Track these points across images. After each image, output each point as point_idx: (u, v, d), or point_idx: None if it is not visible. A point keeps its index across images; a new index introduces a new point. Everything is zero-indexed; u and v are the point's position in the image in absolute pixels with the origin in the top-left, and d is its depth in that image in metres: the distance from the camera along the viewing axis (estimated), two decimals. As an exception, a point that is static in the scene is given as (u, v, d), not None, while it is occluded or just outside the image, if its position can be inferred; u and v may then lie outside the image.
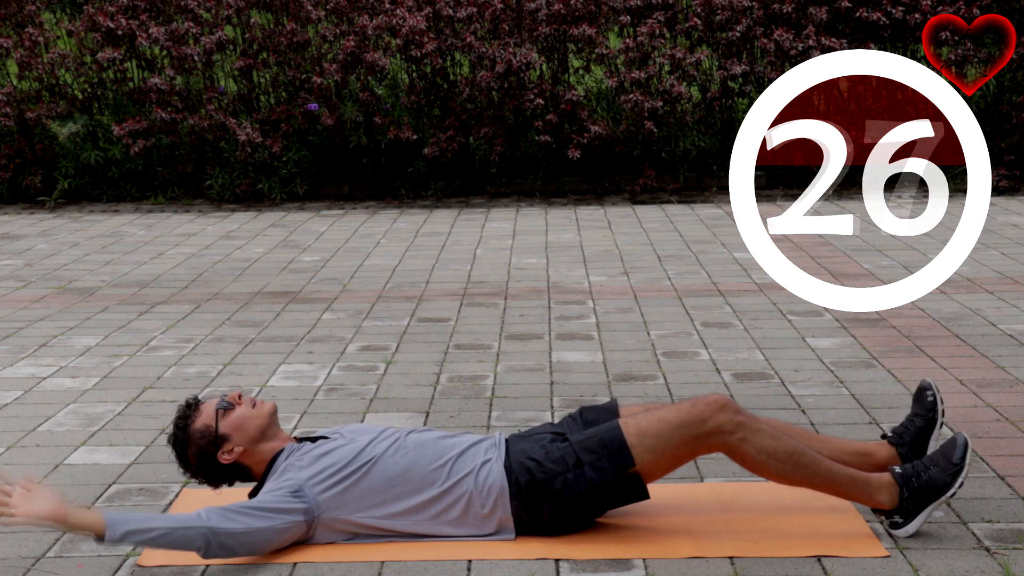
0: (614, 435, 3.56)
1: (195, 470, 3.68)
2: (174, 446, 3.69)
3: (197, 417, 3.67)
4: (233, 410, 3.67)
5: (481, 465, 3.59)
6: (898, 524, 3.58)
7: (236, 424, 3.65)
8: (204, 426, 3.65)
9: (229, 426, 3.65)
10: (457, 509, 3.57)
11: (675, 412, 3.57)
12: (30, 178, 10.79)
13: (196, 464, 3.66)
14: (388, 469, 3.57)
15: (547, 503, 3.55)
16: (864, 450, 3.82)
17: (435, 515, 3.57)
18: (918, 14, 10.86)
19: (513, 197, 11.01)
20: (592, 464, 3.54)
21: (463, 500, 3.56)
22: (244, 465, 3.66)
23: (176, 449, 3.69)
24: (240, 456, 3.65)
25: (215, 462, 3.64)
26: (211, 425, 3.64)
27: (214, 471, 3.67)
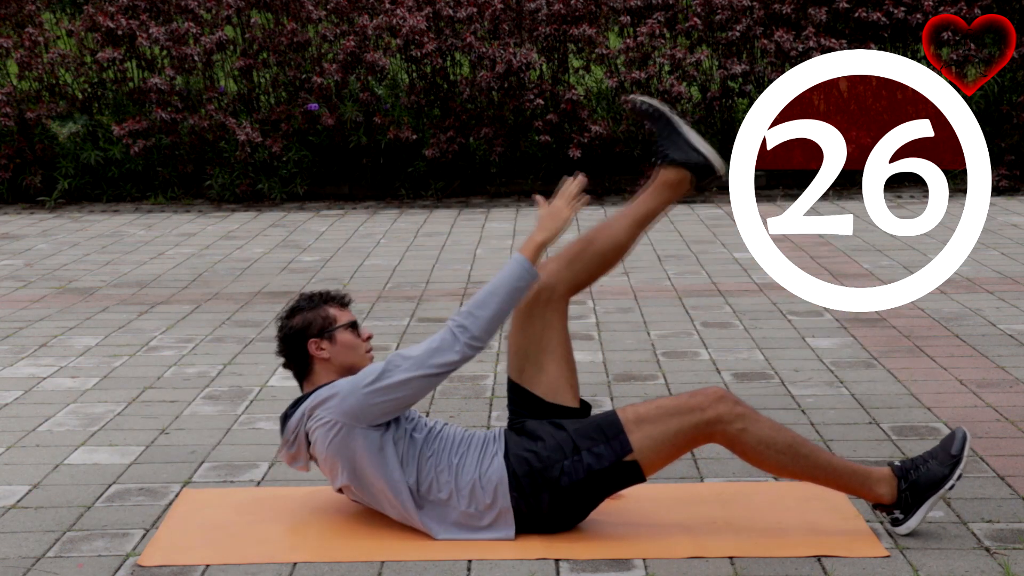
0: (611, 421, 3.57)
1: (288, 328, 3.73)
2: (302, 298, 3.79)
3: (336, 308, 3.75)
4: (357, 337, 3.74)
5: (482, 457, 3.61)
6: (898, 520, 3.58)
7: (345, 343, 3.71)
8: (332, 317, 3.73)
9: (344, 339, 3.71)
10: (462, 500, 3.57)
11: (674, 401, 3.58)
12: (30, 178, 10.78)
13: (294, 327, 3.72)
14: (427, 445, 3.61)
15: (546, 492, 3.55)
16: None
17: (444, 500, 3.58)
18: (919, 14, 10.86)
19: (513, 197, 11.01)
20: (590, 450, 3.55)
21: (467, 489, 3.57)
22: (312, 367, 3.71)
23: (300, 302, 3.77)
24: (320, 359, 3.70)
25: (304, 342, 3.70)
26: (335, 323, 3.72)
27: (294, 344, 3.72)
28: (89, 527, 3.76)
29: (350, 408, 3.55)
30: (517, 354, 3.79)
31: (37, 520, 3.82)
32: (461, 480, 3.58)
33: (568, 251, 3.87)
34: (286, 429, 3.69)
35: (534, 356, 3.76)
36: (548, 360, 3.76)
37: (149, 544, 3.61)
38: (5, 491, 4.07)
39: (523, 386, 3.76)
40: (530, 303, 3.76)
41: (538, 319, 3.77)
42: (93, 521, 3.81)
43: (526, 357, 3.77)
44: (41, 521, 3.81)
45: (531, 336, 3.77)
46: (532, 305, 3.77)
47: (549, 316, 3.78)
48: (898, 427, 4.58)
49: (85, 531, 3.73)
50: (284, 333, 3.75)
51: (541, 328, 3.77)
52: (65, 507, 3.92)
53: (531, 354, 3.77)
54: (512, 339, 3.81)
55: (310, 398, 3.64)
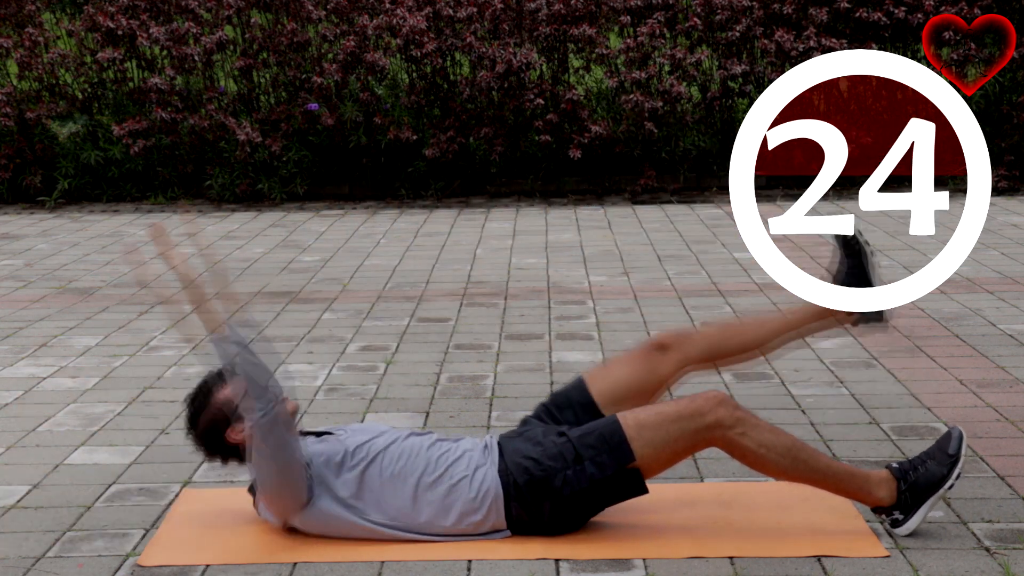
0: (614, 429, 3.56)
1: (199, 434, 3.67)
2: (190, 404, 3.69)
3: (223, 388, 3.65)
4: None
5: (475, 471, 3.58)
6: (898, 521, 3.58)
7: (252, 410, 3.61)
8: (227, 399, 3.62)
9: None
10: (452, 516, 3.56)
11: (674, 406, 3.58)
12: (30, 178, 10.78)
13: (203, 430, 3.66)
14: (384, 470, 3.58)
15: (547, 501, 3.55)
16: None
17: (426, 521, 3.57)
18: (920, 14, 10.86)
19: (513, 197, 11.01)
20: (592, 459, 3.54)
21: (457, 506, 3.55)
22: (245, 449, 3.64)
23: (191, 408, 3.68)
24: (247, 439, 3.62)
25: (221, 437, 3.64)
26: (235, 401, 3.60)
27: (215, 444, 3.66)
28: (89, 527, 3.76)
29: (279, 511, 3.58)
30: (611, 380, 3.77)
31: (37, 520, 3.82)
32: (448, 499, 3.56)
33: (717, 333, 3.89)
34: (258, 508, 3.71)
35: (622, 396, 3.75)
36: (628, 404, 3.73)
37: (149, 544, 3.61)
38: (5, 491, 4.07)
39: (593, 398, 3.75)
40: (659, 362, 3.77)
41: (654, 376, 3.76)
42: (93, 521, 3.81)
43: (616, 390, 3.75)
44: (41, 521, 3.81)
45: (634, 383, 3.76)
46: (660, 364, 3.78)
47: (662, 374, 3.79)
48: (898, 427, 4.58)
49: (85, 531, 3.73)
50: (203, 442, 3.68)
51: (649, 384, 3.77)
52: (65, 507, 3.92)
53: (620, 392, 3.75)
54: (615, 366, 3.81)
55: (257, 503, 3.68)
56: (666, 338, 3.81)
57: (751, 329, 3.90)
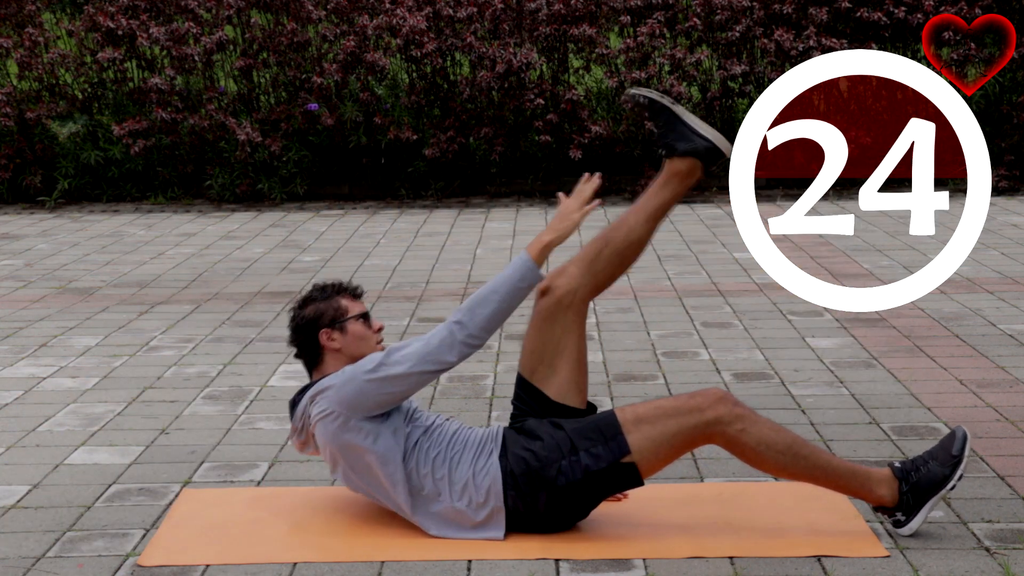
0: (609, 421, 3.57)
1: (299, 318, 3.74)
2: (315, 289, 3.80)
3: (348, 299, 3.77)
4: (368, 328, 3.75)
5: (479, 455, 3.61)
6: (900, 522, 3.58)
7: (356, 333, 3.72)
8: (344, 307, 3.74)
9: (354, 329, 3.72)
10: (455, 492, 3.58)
11: (673, 402, 3.58)
12: (30, 178, 10.78)
13: (306, 317, 3.73)
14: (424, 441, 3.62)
15: (543, 492, 3.55)
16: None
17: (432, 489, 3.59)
18: (920, 14, 10.86)
19: (513, 197, 11.01)
20: (588, 451, 3.54)
21: (459, 484, 3.58)
22: (322, 357, 3.72)
23: (313, 292, 3.78)
24: (331, 349, 3.71)
25: (316, 332, 3.71)
26: (347, 313, 3.72)
27: (306, 334, 3.73)
28: (89, 527, 3.76)
29: (346, 398, 3.57)
30: (532, 354, 3.78)
31: (37, 520, 3.82)
32: (455, 475, 3.58)
33: (586, 253, 3.87)
34: (294, 416, 3.71)
35: (549, 358, 3.75)
36: (562, 363, 3.75)
37: (149, 544, 3.61)
38: (5, 491, 4.07)
39: (533, 384, 3.75)
40: (551, 306, 3.76)
41: (558, 322, 3.76)
42: (93, 521, 3.81)
43: (540, 358, 3.76)
44: (41, 521, 3.81)
45: (548, 338, 3.76)
46: (553, 308, 3.76)
47: (569, 319, 3.78)
48: (898, 427, 4.58)
49: (85, 531, 3.73)
50: (296, 323, 3.76)
51: (560, 331, 3.76)
52: (65, 507, 3.92)
53: (546, 356, 3.75)
54: (528, 339, 3.80)
55: (314, 387, 3.65)
56: (542, 284, 3.77)
57: (620, 233, 3.89)
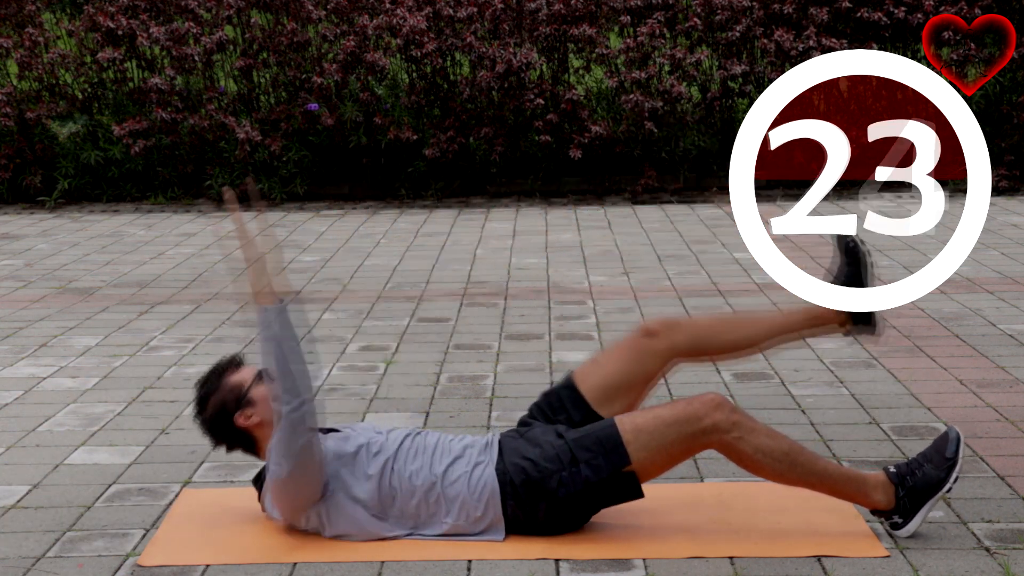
0: (610, 433, 3.56)
1: (207, 419, 3.67)
2: (200, 387, 3.70)
3: (235, 373, 3.68)
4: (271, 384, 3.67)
5: (473, 468, 3.59)
6: (898, 524, 3.58)
7: (265, 397, 3.62)
8: (238, 383, 3.65)
9: (259, 394, 3.63)
10: (451, 514, 3.57)
11: (671, 410, 3.57)
12: (30, 178, 10.78)
13: (212, 415, 3.66)
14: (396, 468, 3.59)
15: (543, 502, 3.55)
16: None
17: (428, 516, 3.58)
18: (920, 14, 10.86)
19: (513, 197, 11.01)
20: (588, 462, 3.54)
21: (456, 504, 3.56)
22: (253, 437, 3.66)
23: (200, 391, 3.69)
24: (254, 426, 3.64)
25: (230, 421, 3.64)
26: (245, 384, 3.64)
27: (224, 430, 3.66)
28: (89, 527, 3.76)
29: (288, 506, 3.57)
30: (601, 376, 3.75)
31: (37, 520, 3.82)
32: (449, 494, 3.56)
33: (708, 324, 3.85)
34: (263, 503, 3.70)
35: (613, 390, 3.73)
36: (621, 400, 3.73)
37: (149, 544, 3.61)
38: (5, 491, 4.07)
39: (583, 395, 3.73)
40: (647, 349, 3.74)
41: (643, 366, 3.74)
42: (93, 521, 3.81)
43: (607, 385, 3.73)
44: (41, 521, 3.81)
45: (625, 375, 3.74)
46: (647, 351, 3.74)
47: (653, 368, 3.75)
48: (898, 427, 4.58)
49: (85, 531, 3.73)
50: (209, 425, 3.68)
51: (639, 374, 3.74)
52: (65, 507, 3.92)
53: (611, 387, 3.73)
54: (605, 362, 3.78)
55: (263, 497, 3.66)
56: (654, 325, 3.77)
57: (745, 326, 3.86)
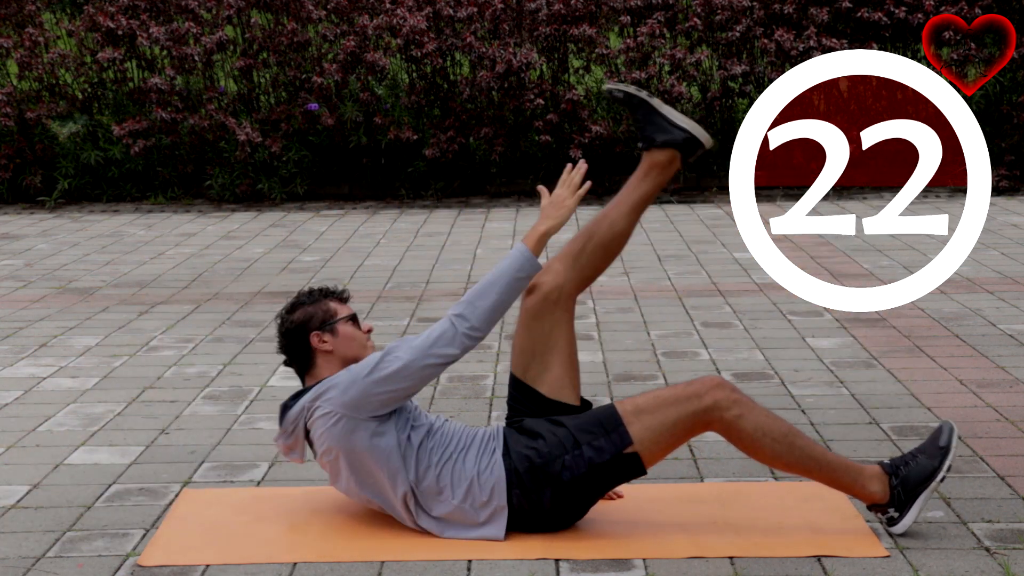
0: (610, 414, 3.58)
1: (289, 322, 3.74)
2: (301, 294, 3.80)
3: (336, 302, 3.78)
4: (358, 330, 3.75)
5: (481, 455, 3.62)
6: (894, 519, 3.58)
7: (347, 335, 3.72)
8: (333, 310, 3.75)
9: (345, 331, 3.72)
10: (457, 496, 3.58)
11: (671, 391, 3.60)
12: (30, 178, 10.78)
13: (295, 321, 3.73)
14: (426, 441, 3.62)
15: (548, 488, 3.56)
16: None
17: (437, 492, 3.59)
18: (920, 14, 10.86)
19: (513, 197, 11.01)
20: (590, 444, 3.55)
21: (463, 485, 3.58)
22: (314, 360, 3.71)
23: (299, 297, 3.79)
24: (323, 352, 3.70)
25: (306, 334, 3.70)
26: (338, 315, 3.73)
27: (296, 339, 3.72)
28: (89, 527, 3.76)
29: (350, 399, 3.56)
30: (523, 352, 3.78)
31: (37, 520, 3.82)
32: (458, 475, 3.58)
33: (570, 248, 3.89)
34: (285, 420, 3.69)
35: (540, 355, 3.75)
36: (554, 359, 3.75)
37: (149, 544, 3.61)
38: (5, 491, 4.07)
39: (526, 383, 3.75)
40: (539, 303, 3.76)
41: (547, 319, 3.76)
42: (93, 521, 3.81)
43: (532, 356, 3.76)
44: (41, 521, 3.81)
45: (538, 335, 3.76)
46: (540, 305, 3.76)
47: (558, 315, 3.77)
48: (898, 427, 4.58)
49: (85, 531, 3.73)
50: (286, 328, 3.75)
51: (550, 327, 3.76)
52: (65, 507, 3.92)
53: (537, 353, 3.76)
54: (518, 337, 3.80)
55: (312, 391, 3.65)
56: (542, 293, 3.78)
57: (603, 226, 3.92)
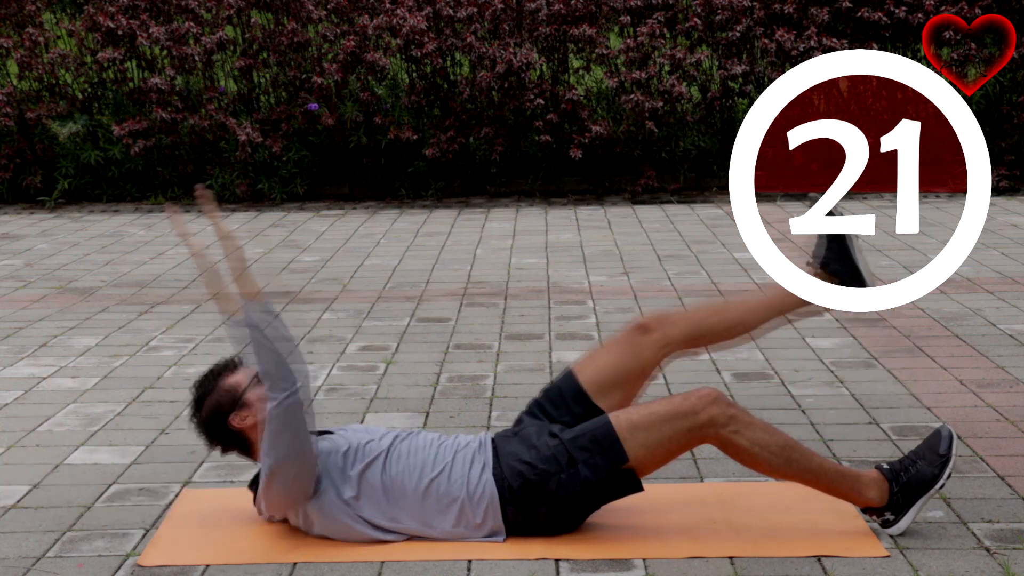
0: (606, 431, 3.56)
1: (202, 421, 3.66)
2: (197, 388, 3.70)
3: (232, 375, 3.68)
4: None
5: (469, 473, 3.58)
6: (889, 522, 3.58)
7: (260, 398, 3.60)
8: (234, 384, 3.65)
9: (255, 396, 3.63)
10: (449, 518, 3.56)
11: (667, 405, 3.58)
12: (30, 178, 10.78)
13: (207, 416, 3.65)
14: (387, 471, 3.58)
15: (543, 505, 3.55)
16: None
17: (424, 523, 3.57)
18: (920, 14, 10.86)
19: (513, 197, 11.01)
20: (586, 462, 3.54)
21: (455, 508, 3.56)
22: (248, 438, 3.65)
23: (197, 392, 3.69)
24: (249, 428, 3.63)
25: (225, 423, 3.63)
26: (241, 386, 3.64)
27: (219, 431, 3.65)
28: (89, 527, 3.76)
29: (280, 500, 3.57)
30: (597, 368, 3.77)
31: (37, 520, 3.82)
32: (445, 498, 3.56)
33: (699, 313, 3.87)
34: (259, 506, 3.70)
35: (609, 383, 3.75)
36: (617, 394, 3.75)
37: (149, 544, 3.61)
38: (5, 491, 4.07)
39: (582, 386, 3.75)
40: (642, 344, 3.76)
41: (639, 360, 3.76)
42: (93, 521, 3.81)
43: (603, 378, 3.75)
44: (41, 521, 3.81)
45: (620, 368, 3.76)
46: (642, 346, 3.76)
47: (648, 362, 3.77)
48: (898, 427, 4.58)
49: (85, 531, 3.73)
50: (204, 426, 3.67)
51: (635, 369, 3.76)
52: (65, 507, 3.92)
53: (607, 380, 3.75)
54: (602, 356, 3.80)
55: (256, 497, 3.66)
56: (649, 320, 3.80)
57: (736, 310, 3.87)
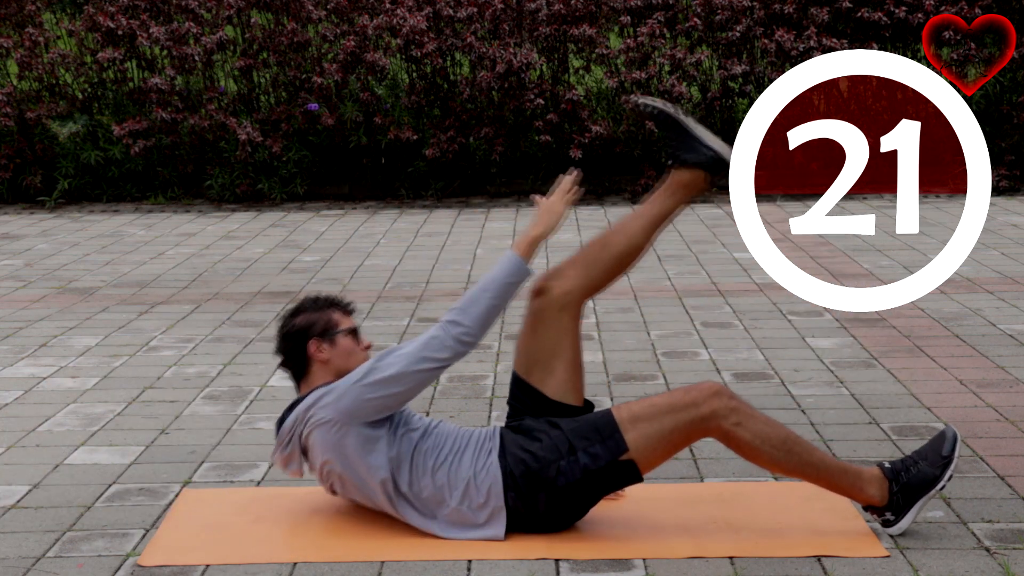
0: (607, 420, 3.57)
1: (289, 327, 3.76)
2: (305, 301, 3.83)
3: (340, 312, 3.80)
4: (357, 344, 3.77)
5: (477, 457, 3.61)
6: (889, 522, 3.58)
7: (345, 347, 3.74)
8: (335, 320, 3.77)
9: (344, 343, 3.74)
10: (455, 497, 3.59)
11: (668, 398, 3.59)
12: (30, 178, 10.78)
13: (295, 327, 3.75)
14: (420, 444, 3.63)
15: (542, 492, 3.56)
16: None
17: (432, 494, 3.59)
18: (920, 14, 10.86)
19: (513, 197, 11.01)
20: (586, 450, 3.55)
21: (460, 487, 3.58)
22: (310, 369, 3.73)
23: (303, 303, 3.82)
24: (319, 362, 3.71)
25: (305, 341, 3.72)
26: (340, 326, 3.75)
27: (294, 344, 3.74)
28: (89, 527, 3.76)
29: (345, 406, 3.57)
30: (527, 354, 3.78)
31: (37, 520, 3.82)
32: (455, 478, 3.59)
33: (583, 255, 3.87)
34: (281, 431, 3.70)
35: (545, 359, 3.75)
36: (559, 363, 3.75)
37: (149, 544, 3.61)
38: (5, 491, 4.07)
39: (530, 384, 3.75)
40: (546, 307, 3.76)
41: (553, 323, 3.75)
42: (93, 521, 3.81)
43: (536, 358, 3.76)
44: (41, 521, 3.81)
45: (544, 339, 3.76)
46: (548, 309, 3.76)
47: (564, 320, 3.77)
48: (898, 427, 4.58)
49: (85, 531, 3.73)
50: (286, 331, 3.77)
51: (556, 332, 3.76)
52: (65, 507, 3.92)
53: (542, 357, 3.75)
54: (523, 339, 3.79)
55: (305, 400, 3.65)
56: (540, 283, 3.79)
57: (622, 237, 3.88)
